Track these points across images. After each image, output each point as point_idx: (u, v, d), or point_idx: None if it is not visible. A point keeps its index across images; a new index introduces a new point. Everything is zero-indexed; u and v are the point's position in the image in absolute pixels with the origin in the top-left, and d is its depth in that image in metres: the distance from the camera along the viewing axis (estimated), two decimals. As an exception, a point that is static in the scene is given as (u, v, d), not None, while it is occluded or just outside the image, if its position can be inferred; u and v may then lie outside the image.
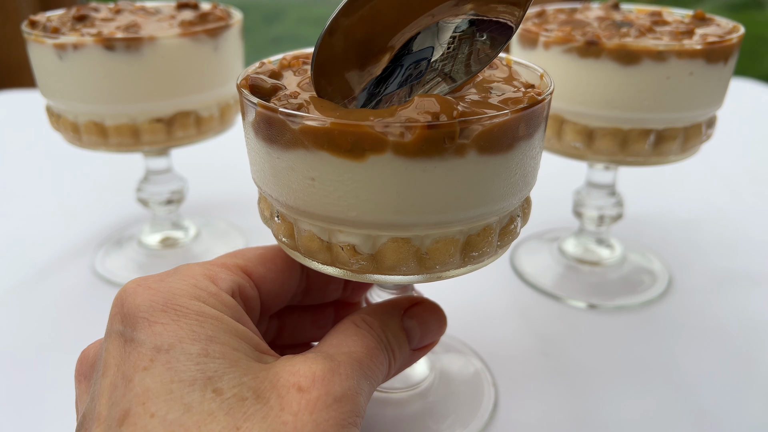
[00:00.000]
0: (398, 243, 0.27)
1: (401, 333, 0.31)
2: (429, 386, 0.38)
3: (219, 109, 0.49)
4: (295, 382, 0.25)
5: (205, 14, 0.47)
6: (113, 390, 0.25)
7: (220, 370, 0.25)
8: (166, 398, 0.24)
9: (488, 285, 0.50)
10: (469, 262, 0.29)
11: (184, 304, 0.27)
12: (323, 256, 0.29)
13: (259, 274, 0.31)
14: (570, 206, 0.53)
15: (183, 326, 0.26)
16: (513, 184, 0.28)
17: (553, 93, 0.29)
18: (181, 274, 0.29)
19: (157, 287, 0.28)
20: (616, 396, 0.39)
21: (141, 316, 0.26)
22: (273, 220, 0.31)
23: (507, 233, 0.30)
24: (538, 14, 0.48)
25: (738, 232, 0.59)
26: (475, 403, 0.38)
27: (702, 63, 0.40)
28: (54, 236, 0.58)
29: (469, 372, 0.40)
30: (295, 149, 0.26)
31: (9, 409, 0.38)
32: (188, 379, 0.24)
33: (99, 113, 0.45)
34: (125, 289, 0.28)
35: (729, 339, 0.44)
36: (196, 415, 0.23)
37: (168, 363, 0.25)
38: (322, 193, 0.26)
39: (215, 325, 0.26)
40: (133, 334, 0.26)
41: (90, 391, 0.27)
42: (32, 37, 0.44)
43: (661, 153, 0.43)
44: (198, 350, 0.25)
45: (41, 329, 0.45)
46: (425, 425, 0.35)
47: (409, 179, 0.25)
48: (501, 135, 0.26)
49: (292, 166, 0.27)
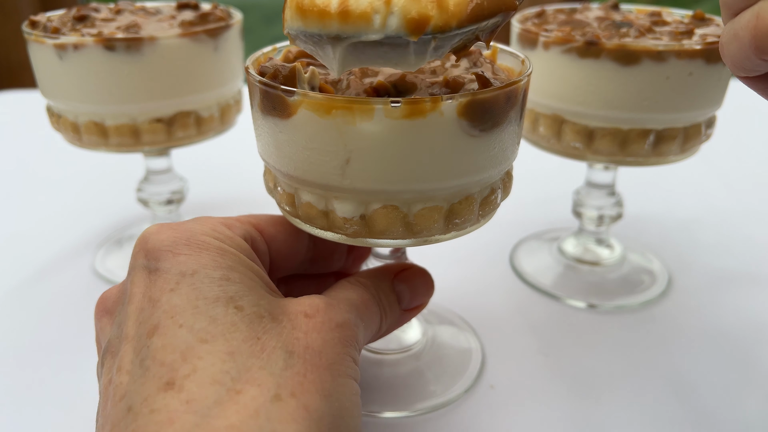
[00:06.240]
0: (387, 209, 0.30)
1: (392, 294, 0.34)
2: (421, 349, 0.42)
3: (219, 109, 0.49)
4: (301, 311, 0.28)
5: (205, 14, 0.47)
6: (140, 312, 0.27)
7: (240, 292, 0.28)
8: (192, 312, 0.26)
9: (488, 284, 0.50)
10: (452, 229, 0.32)
11: (205, 240, 0.30)
12: (321, 221, 0.32)
13: (270, 234, 0.34)
14: (570, 206, 0.53)
15: (205, 256, 0.29)
16: (492, 157, 0.31)
17: (530, 75, 0.32)
18: (199, 220, 0.32)
19: (178, 227, 0.30)
20: (615, 396, 0.39)
21: (165, 249, 0.29)
22: (276, 191, 0.34)
23: (488, 203, 0.33)
24: (537, 14, 0.48)
25: (737, 232, 0.59)
26: (463, 364, 0.41)
27: (701, 63, 0.40)
28: (54, 236, 0.58)
29: (458, 339, 0.44)
30: (293, 122, 0.29)
31: (9, 409, 0.38)
32: (212, 297, 0.27)
33: (99, 113, 0.45)
34: (148, 230, 0.31)
35: (728, 339, 0.44)
36: (220, 325, 0.26)
37: (193, 284, 0.27)
38: (318, 162, 0.29)
39: (234, 258, 0.29)
40: (158, 265, 0.29)
41: (115, 322, 0.29)
42: (32, 38, 0.44)
43: (660, 153, 0.43)
44: (220, 275, 0.28)
45: (41, 329, 0.45)
46: (417, 383, 0.39)
47: (397, 151, 0.28)
48: (482, 111, 0.29)
49: (291, 138, 0.30)
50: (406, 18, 0.25)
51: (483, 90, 0.29)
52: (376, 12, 0.25)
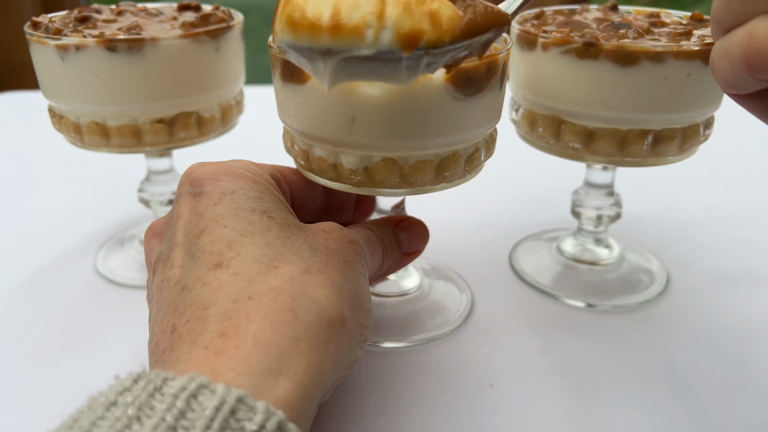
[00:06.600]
0: (386, 162, 0.35)
1: (392, 238, 0.40)
2: (418, 295, 0.48)
3: (220, 109, 0.49)
4: (320, 228, 0.34)
5: (206, 16, 0.47)
6: (188, 224, 0.32)
7: (271, 208, 0.33)
8: (233, 217, 0.32)
9: (487, 284, 0.51)
10: (442, 181, 0.37)
11: (241, 172, 0.35)
12: (330, 173, 0.37)
13: (291, 179, 0.39)
14: (568, 206, 0.53)
15: (241, 182, 0.34)
16: (475, 119, 0.35)
17: (509, 50, 0.37)
18: (234, 160, 0.37)
19: (217, 163, 0.36)
20: (613, 395, 0.39)
21: (207, 177, 0.34)
22: (293, 149, 0.39)
23: (473, 160, 0.38)
24: (536, 16, 0.48)
25: (736, 232, 0.59)
26: (454, 308, 0.47)
27: (700, 64, 0.40)
28: (56, 236, 0.58)
29: (451, 289, 0.50)
30: (307, 87, 0.34)
31: (10, 408, 0.38)
32: (249, 208, 0.32)
33: (101, 114, 0.45)
34: (191, 167, 0.36)
35: (727, 338, 0.44)
36: (257, 227, 0.31)
37: (233, 199, 0.33)
38: (328, 121, 0.34)
39: (264, 186, 0.35)
40: (201, 189, 0.34)
41: (165, 239, 0.34)
42: (34, 39, 0.44)
43: (659, 154, 0.43)
44: (254, 195, 0.34)
45: (42, 328, 0.46)
46: (413, 321, 0.46)
47: (395, 111, 0.33)
48: (466, 78, 0.33)
49: (306, 101, 0.35)
50: (398, 33, 0.26)
51: (467, 60, 0.32)
52: (369, 26, 0.26)
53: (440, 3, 0.27)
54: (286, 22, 0.27)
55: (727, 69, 0.26)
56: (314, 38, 0.27)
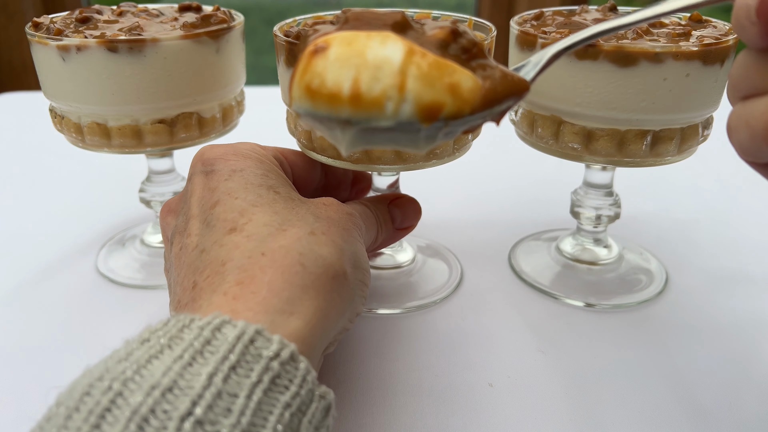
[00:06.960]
0: None
1: (387, 214, 0.42)
2: (412, 268, 0.52)
3: (221, 110, 0.49)
4: (320, 201, 0.37)
5: (207, 16, 0.48)
6: (201, 198, 0.36)
7: (277, 183, 0.37)
8: (243, 190, 0.35)
9: (486, 283, 0.51)
10: (433, 158, 0.41)
11: (248, 153, 0.38)
12: (331, 151, 0.40)
13: (292, 160, 0.42)
14: (568, 206, 0.53)
15: (248, 161, 0.38)
16: None
17: (494, 37, 0.40)
18: (241, 142, 0.40)
19: (226, 145, 0.39)
20: (612, 394, 0.39)
21: (218, 157, 0.38)
22: (296, 130, 0.42)
23: (460, 140, 0.41)
24: (535, 16, 0.48)
25: (735, 232, 0.59)
26: (444, 280, 0.51)
27: (698, 64, 0.40)
28: (57, 236, 0.58)
29: (442, 265, 0.54)
30: None
31: (10, 408, 0.38)
32: (257, 183, 0.36)
33: (102, 114, 0.46)
34: (203, 148, 0.39)
35: (726, 338, 0.44)
36: (265, 198, 0.35)
37: (242, 176, 0.36)
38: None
39: (270, 166, 0.38)
40: (213, 168, 0.37)
41: (180, 213, 0.37)
42: (36, 39, 0.44)
43: (658, 154, 0.44)
44: (261, 172, 0.37)
45: (43, 328, 0.46)
46: (407, 290, 0.50)
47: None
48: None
49: None
50: (419, 106, 0.25)
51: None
52: (389, 99, 0.25)
53: (461, 74, 0.26)
54: (304, 89, 0.27)
55: (746, 139, 0.25)
56: (333, 108, 0.26)
